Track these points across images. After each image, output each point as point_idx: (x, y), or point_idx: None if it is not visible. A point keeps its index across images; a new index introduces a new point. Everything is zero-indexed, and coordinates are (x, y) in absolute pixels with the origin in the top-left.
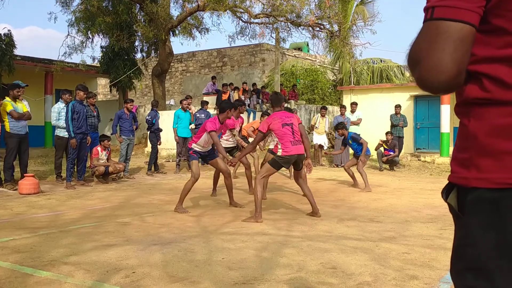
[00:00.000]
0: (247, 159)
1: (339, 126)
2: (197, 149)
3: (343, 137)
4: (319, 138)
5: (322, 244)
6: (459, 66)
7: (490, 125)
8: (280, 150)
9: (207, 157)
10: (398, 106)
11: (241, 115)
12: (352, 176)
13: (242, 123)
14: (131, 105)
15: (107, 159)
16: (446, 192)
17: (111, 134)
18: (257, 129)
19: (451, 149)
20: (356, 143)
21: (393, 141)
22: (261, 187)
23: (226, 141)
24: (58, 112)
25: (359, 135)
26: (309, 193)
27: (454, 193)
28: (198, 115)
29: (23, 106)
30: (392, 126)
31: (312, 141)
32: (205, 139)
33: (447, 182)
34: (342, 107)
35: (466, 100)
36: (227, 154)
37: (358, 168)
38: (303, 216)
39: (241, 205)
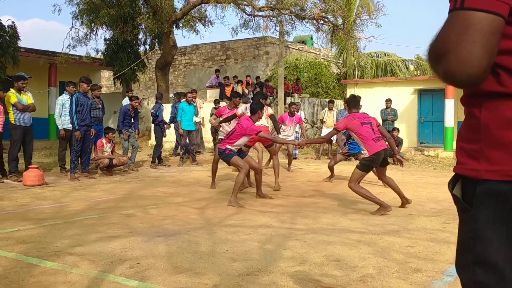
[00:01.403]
0: (258, 163)
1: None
2: (233, 149)
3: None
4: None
5: (326, 237)
6: (490, 59)
7: (503, 117)
8: (366, 152)
9: (239, 152)
10: (388, 100)
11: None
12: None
13: (300, 121)
14: (136, 103)
15: (112, 152)
16: (452, 184)
17: (117, 130)
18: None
19: (455, 143)
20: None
21: (398, 138)
22: (359, 188)
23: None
24: (62, 104)
25: None
26: (396, 186)
27: (459, 184)
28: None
29: (27, 98)
30: (383, 121)
31: (320, 135)
32: (244, 140)
33: (453, 173)
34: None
35: (478, 91)
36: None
37: (329, 163)
38: (306, 209)
39: (270, 196)
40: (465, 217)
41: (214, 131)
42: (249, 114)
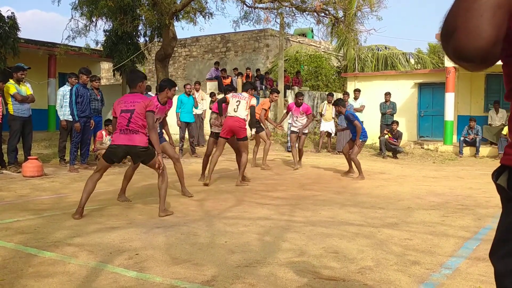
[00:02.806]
0: (174, 152)
1: (338, 102)
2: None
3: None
4: (327, 125)
5: (325, 229)
6: (498, 32)
7: None
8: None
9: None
10: (387, 94)
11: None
12: (349, 162)
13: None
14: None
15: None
16: (496, 174)
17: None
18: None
19: (455, 137)
20: (351, 124)
21: (398, 132)
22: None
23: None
24: (63, 95)
25: (355, 115)
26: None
27: (505, 175)
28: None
29: (26, 89)
30: (382, 114)
31: (319, 128)
32: (157, 117)
33: (454, 167)
34: (345, 93)
35: None
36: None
37: (352, 156)
38: (305, 201)
39: (190, 194)
40: (510, 206)
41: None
42: (233, 102)
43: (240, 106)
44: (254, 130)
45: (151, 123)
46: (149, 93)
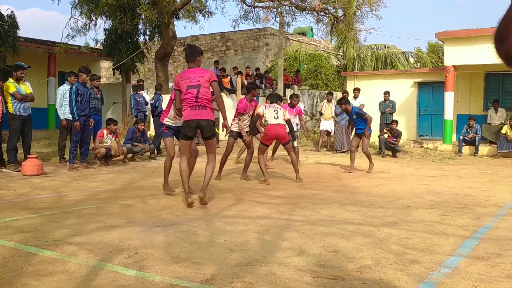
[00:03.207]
0: (253, 146)
1: (342, 101)
2: (170, 124)
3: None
4: (326, 124)
5: (324, 228)
6: None
7: None
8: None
9: (178, 133)
10: (386, 93)
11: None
12: (352, 160)
13: (255, 106)
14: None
15: (116, 143)
16: None
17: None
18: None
19: (454, 136)
20: (361, 118)
21: (397, 131)
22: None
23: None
24: (62, 94)
25: (363, 110)
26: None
27: None
28: (138, 98)
29: (26, 88)
30: (381, 114)
31: (319, 127)
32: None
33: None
34: (345, 92)
35: None
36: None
37: (364, 149)
38: (305, 200)
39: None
40: None
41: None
42: (270, 111)
43: (279, 114)
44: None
45: (218, 92)
46: (141, 92)
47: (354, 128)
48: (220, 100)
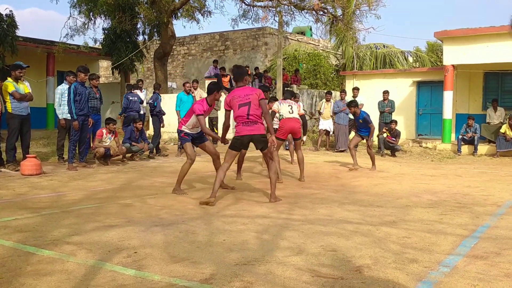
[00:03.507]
0: (215, 149)
1: (352, 104)
2: (187, 131)
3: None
4: (325, 124)
5: (323, 227)
6: None
7: None
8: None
9: (197, 139)
10: (386, 92)
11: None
12: (354, 157)
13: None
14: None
15: (116, 142)
16: None
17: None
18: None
19: (453, 135)
20: (366, 124)
21: (396, 131)
22: (223, 172)
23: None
24: (61, 94)
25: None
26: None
27: None
28: (130, 97)
29: (24, 87)
30: (380, 113)
31: (318, 126)
32: (193, 121)
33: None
34: (343, 91)
35: None
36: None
37: (369, 150)
38: (304, 200)
39: (231, 186)
40: None
41: (210, 122)
42: (285, 106)
43: (294, 109)
44: None
45: (266, 109)
46: (136, 91)
47: (356, 128)
48: (267, 117)
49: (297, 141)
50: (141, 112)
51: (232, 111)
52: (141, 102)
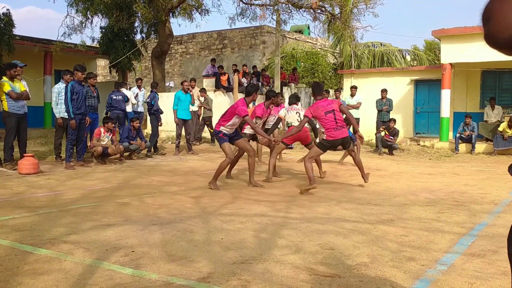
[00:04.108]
0: (251, 146)
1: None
2: (226, 132)
3: None
4: None
5: (320, 226)
6: None
7: None
8: (324, 135)
9: (233, 138)
10: (383, 91)
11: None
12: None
13: (269, 114)
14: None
15: (112, 141)
16: None
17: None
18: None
19: (451, 134)
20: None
21: (395, 129)
22: (310, 163)
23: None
24: (58, 93)
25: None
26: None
27: None
28: (114, 96)
29: (20, 86)
30: (378, 111)
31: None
32: (234, 122)
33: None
34: (337, 90)
35: None
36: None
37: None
38: (301, 198)
39: (261, 184)
40: None
41: (204, 122)
42: (293, 114)
43: (301, 116)
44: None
45: (348, 112)
46: (122, 89)
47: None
48: (351, 116)
49: (309, 146)
50: (128, 110)
51: (314, 120)
52: (127, 100)
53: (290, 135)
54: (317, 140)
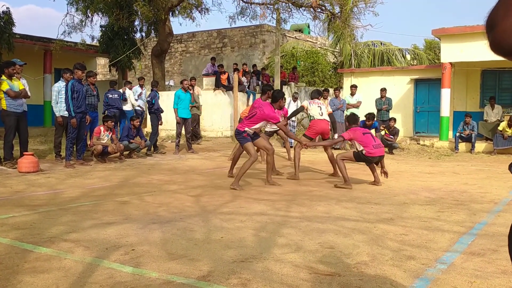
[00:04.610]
0: (271, 144)
1: (370, 117)
2: (249, 132)
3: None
4: None
5: (320, 224)
6: None
7: None
8: (364, 151)
9: (253, 138)
10: (383, 90)
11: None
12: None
13: (286, 114)
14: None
15: (112, 140)
16: None
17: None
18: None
19: (451, 133)
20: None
21: (395, 128)
22: (343, 162)
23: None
24: (58, 91)
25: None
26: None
27: None
28: (110, 95)
29: (19, 84)
30: (377, 110)
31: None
32: (260, 125)
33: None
34: (336, 89)
35: None
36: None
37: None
38: (301, 197)
39: (279, 183)
40: None
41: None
42: (314, 107)
43: (323, 110)
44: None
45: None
46: (127, 89)
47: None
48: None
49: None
50: (127, 109)
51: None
52: (124, 99)
53: (322, 145)
54: (336, 136)
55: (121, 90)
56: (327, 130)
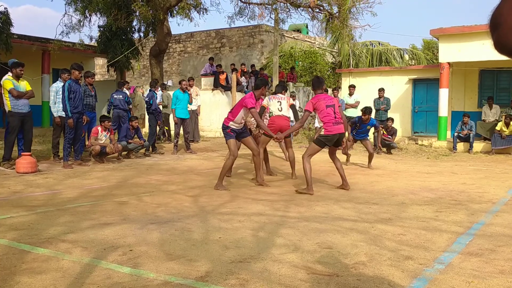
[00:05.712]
0: (257, 145)
1: (367, 111)
2: (234, 127)
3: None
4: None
5: (319, 224)
6: None
7: None
8: (323, 130)
9: (240, 135)
10: (381, 90)
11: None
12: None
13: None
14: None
15: (110, 140)
16: None
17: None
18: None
19: (449, 133)
20: (367, 130)
21: (393, 128)
22: (308, 162)
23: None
24: (56, 92)
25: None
26: (340, 168)
27: None
28: (115, 95)
29: (26, 84)
30: (376, 110)
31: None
32: (242, 115)
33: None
34: (335, 89)
35: None
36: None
37: (372, 151)
38: (300, 197)
39: (267, 184)
40: None
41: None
42: (274, 103)
43: (283, 105)
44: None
45: (344, 115)
46: (125, 89)
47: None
48: (345, 118)
49: (288, 139)
50: (127, 107)
51: (315, 113)
52: (128, 100)
53: (293, 130)
54: (346, 134)
55: (126, 91)
56: (286, 126)
